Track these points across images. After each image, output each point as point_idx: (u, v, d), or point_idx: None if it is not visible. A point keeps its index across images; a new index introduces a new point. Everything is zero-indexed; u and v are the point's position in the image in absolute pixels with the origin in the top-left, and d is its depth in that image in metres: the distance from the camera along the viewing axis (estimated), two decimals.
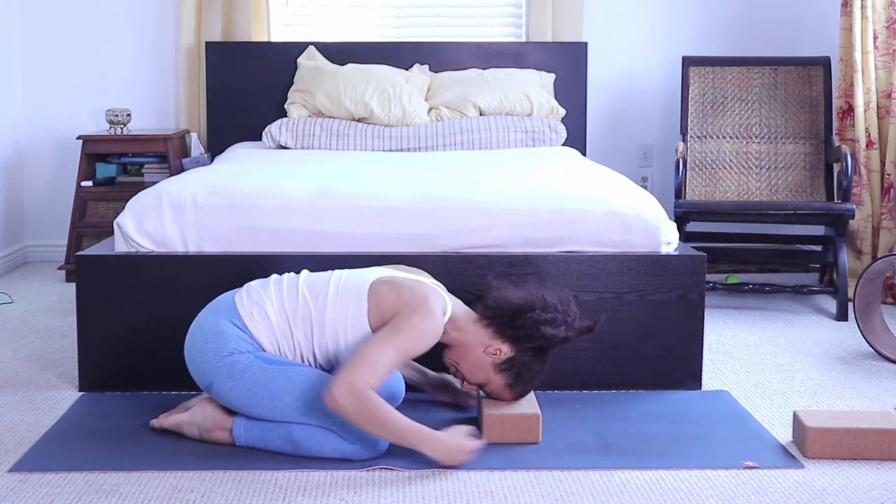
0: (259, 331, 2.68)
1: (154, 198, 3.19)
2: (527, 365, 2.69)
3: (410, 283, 2.69)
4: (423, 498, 2.40)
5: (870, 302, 3.70)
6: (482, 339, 2.69)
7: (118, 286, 3.10)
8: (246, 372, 2.62)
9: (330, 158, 4.19)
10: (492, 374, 2.70)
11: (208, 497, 2.39)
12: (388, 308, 2.65)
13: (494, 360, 2.69)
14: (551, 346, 2.69)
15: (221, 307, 2.73)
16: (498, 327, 2.68)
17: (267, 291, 2.74)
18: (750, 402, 3.11)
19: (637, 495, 2.42)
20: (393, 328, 2.58)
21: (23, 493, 2.40)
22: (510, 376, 2.69)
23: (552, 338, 2.65)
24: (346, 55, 4.98)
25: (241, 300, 2.73)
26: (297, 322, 2.69)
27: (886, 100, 4.48)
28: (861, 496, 2.43)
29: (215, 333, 2.68)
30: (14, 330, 3.87)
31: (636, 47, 5.26)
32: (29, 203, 5.25)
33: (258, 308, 2.70)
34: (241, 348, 2.65)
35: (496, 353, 2.68)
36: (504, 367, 2.68)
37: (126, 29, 5.17)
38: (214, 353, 2.65)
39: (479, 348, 2.69)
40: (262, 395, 2.60)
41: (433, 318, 2.60)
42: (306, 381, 2.60)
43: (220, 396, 2.66)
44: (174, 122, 5.24)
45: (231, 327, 2.67)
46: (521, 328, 2.66)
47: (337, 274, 2.77)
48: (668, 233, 3.23)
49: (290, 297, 2.72)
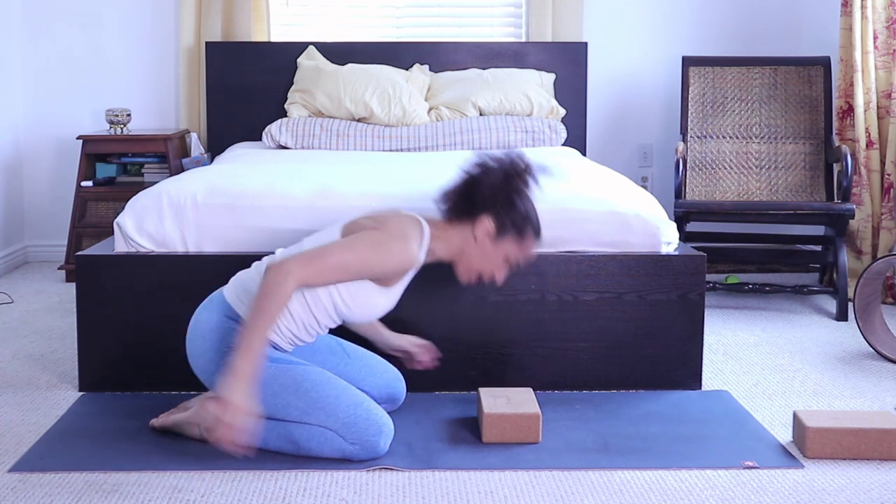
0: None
1: (154, 198, 3.19)
2: (515, 212, 2.68)
3: (384, 212, 2.70)
4: (423, 498, 2.40)
5: (870, 302, 3.70)
6: (465, 232, 2.70)
7: (118, 286, 3.10)
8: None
9: (330, 158, 4.19)
10: (500, 247, 2.69)
11: (208, 497, 2.39)
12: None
13: (490, 236, 2.68)
14: (516, 183, 2.68)
15: (214, 303, 2.72)
16: (465, 213, 2.69)
17: (249, 276, 2.72)
18: (750, 402, 3.11)
19: (637, 495, 2.42)
20: (359, 236, 2.58)
21: (23, 493, 2.40)
22: (512, 233, 2.68)
23: (509, 176, 2.66)
24: (346, 55, 4.98)
25: (229, 292, 2.71)
26: None
27: (886, 100, 4.48)
28: (861, 496, 2.43)
29: (212, 330, 2.67)
30: (14, 330, 3.88)
31: (636, 47, 5.26)
32: (29, 203, 5.25)
33: (245, 293, 2.68)
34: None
35: (485, 231, 2.67)
36: (501, 233, 2.68)
37: (126, 29, 5.17)
38: (214, 351, 2.65)
39: (470, 242, 2.70)
40: (264, 392, 2.59)
41: (404, 239, 2.59)
42: (308, 379, 2.60)
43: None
44: (174, 122, 5.24)
45: (227, 321, 2.66)
46: (481, 195, 2.66)
47: (308, 238, 2.74)
48: (668, 233, 3.23)
49: None
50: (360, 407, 2.57)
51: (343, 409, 2.56)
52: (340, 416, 2.55)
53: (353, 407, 2.57)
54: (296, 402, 2.58)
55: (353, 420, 2.55)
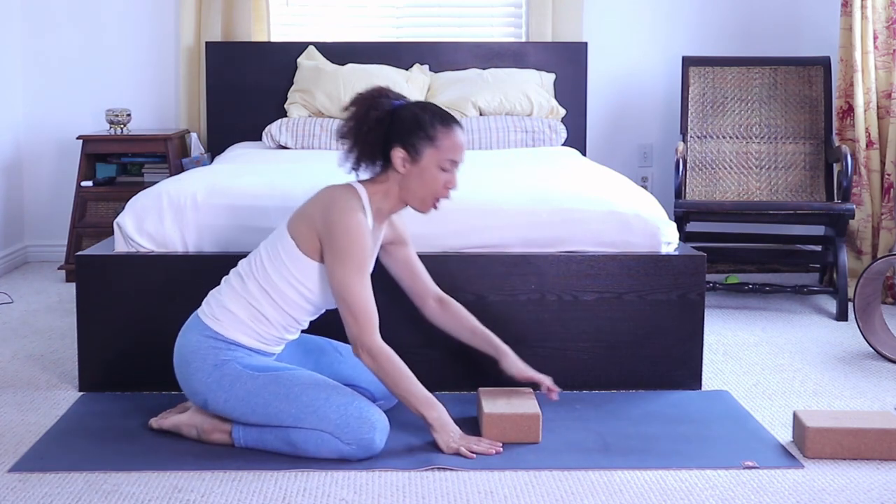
0: (230, 330, 2.67)
1: (154, 198, 3.19)
2: (405, 124, 2.62)
3: (314, 197, 2.68)
4: (423, 498, 2.40)
5: (870, 302, 3.70)
6: (391, 175, 2.66)
7: (118, 286, 3.09)
8: (236, 383, 2.62)
9: (330, 158, 4.16)
10: (427, 162, 2.63)
11: (208, 497, 2.39)
12: (311, 230, 2.63)
13: (409, 160, 2.63)
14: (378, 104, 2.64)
15: (190, 327, 2.73)
16: (375, 162, 2.67)
17: (220, 291, 2.73)
18: (750, 402, 3.11)
19: (637, 495, 2.42)
20: (335, 260, 2.57)
21: (23, 493, 2.40)
22: (423, 142, 2.61)
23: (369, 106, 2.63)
24: (346, 55, 4.98)
25: (202, 312, 2.72)
26: (257, 300, 2.67)
27: (886, 100, 4.48)
28: (861, 496, 2.43)
29: (193, 352, 2.67)
30: (14, 330, 3.87)
31: (636, 47, 5.26)
32: (29, 203, 5.25)
33: (219, 308, 2.69)
34: (225, 356, 2.65)
35: (402, 161, 2.63)
36: (414, 151, 2.62)
37: (126, 29, 5.17)
38: (200, 371, 2.65)
39: (398, 178, 2.66)
40: (256, 403, 2.60)
41: (352, 220, 2.58)
42: (297, 385, 2.60)
43: (217, 410, 2.67)
44: (174, 122, 5.23)
45: (205, 340, 2.67)
46: (367, 138, 2.63)
47: (263, 243, 2.75)
48: (668, 233, 3.23)
49: (238, 282, 2.70)
50: (350, 406, 2.57)
51: (334, 410, 2.56)
52: (332, 418, 2.55)
53: (343, 407, 2.57)
54: (287, 409, 2.58)
55: (345, 420, 2.55)
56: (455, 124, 2.66)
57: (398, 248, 2.89)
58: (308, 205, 2.69)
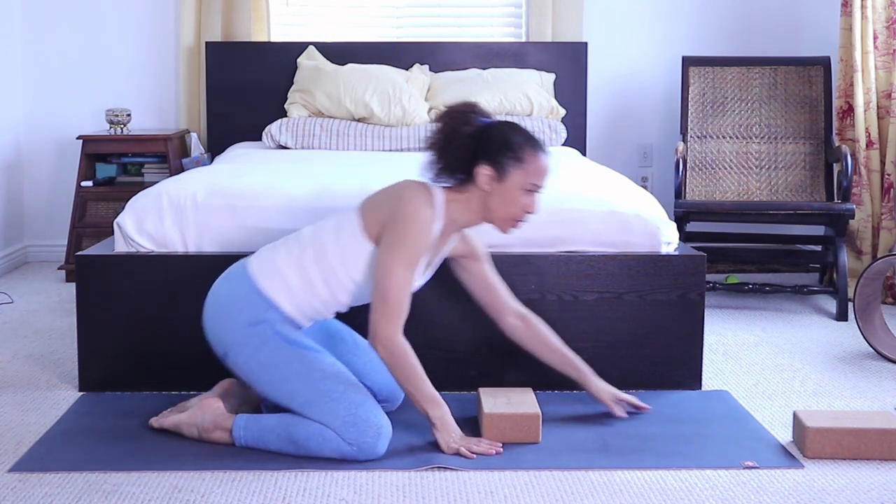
0: (275, 291, 2.65)
1: (154, 198, 3.19)
2: (496, 143, 2.62)
3: (393, 186, 2.69)
4: (423, 498, 2.40)
5: (870, 302, 3.70)
6: (474, 191, 2.66)
7: (118, 286, 3.10)
8: (264, 347, 2.61)
9: (330, 158, 4.19)
10: (512, 183, 2.63)
11: (208, 497, 2.39)
12: (378, 216, 2.64)
13: (495, 179, 2.63)
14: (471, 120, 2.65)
15: (233, 275, 2.71)
16: (459, 169, 2.66)
17: (276, 250, 2.72)
18: (750, 402, 3.11)
19: (637, 495, 2.42)
20: (389, 245, 2.58)
21: (23, 493, 2.40)
22: (511, 163, 2.62)
23: (461, 121, 2.64)
24: (346, 55, 4.98)
25: (251, 264, 2.71)
26: (310, 270, 2.66)
27: (886, 100, 4.49)
28: (861, 496, 2.43)
29: (230, 302, 2.66)
30: (14, 330, 3.87)
31: (636, 47, 5.26)
32: (29, 203, 5.25)
33: (270, 265, 2.68)
34: (260, 316, 2.63)
35: (487, 178, 2.63)
36: (501, 170, 2.62)
37: (126, 29, 5.17)
38: (232, 322, 2.64)
39: (480, 195, 2.65)
40: (274, 374, 2.59)
41: (419, 214, 2.59)
42: (318, 370, 2.59)
43: (235, 366, 2.65)
44: (174, 122, 5.24)
45: (247, 293, 2.65)
46: (458, 149, 2.63)
47: (333, 216, 2.75)
48: (668, 233, 3.23)
49: (298, 248, 2.69)
50: (361, 407, 2.57)
51: (345, 407, 2.56)
52: (341, 414, 2.55)
53: (355, 406, 2.57)
54: (303, 391, 2.58)
55: (352, 420, 2.55)
56: (543, 149, 2.67)
57: (472, 262, 2.88)
58: (383, 191, 2.70)
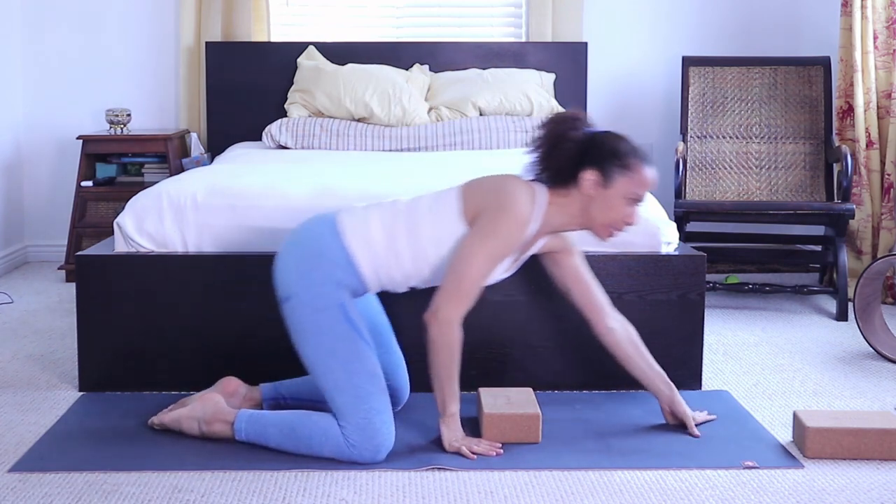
0: (359, 250, 2.63)
1: (154, 198, 3.19)
2: (607, 151, 2.62)
3: (499, 176, 2.67)
4: (423, 498, 2.40)
5: (870, 302, 3.70)
6: (576, 195, 2.65)
7: (118, 286, 3.09)
8: (326, 311, 2.58)
9: (330, 158, 4.19)
10: (616, 191, 2.62)
11: (208, 497, 2.39)
12: (478, 202, 2.63)
13: (600, 185, 2.62)
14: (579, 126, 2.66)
15: (323, 225, 2.68)
16: (563, 179, 2.65)
17: (369, 212, 2.70)
18: (750, 402, 3.11)
19: (637, 495, 2.42)
20: (479, 233, 2.57)
21: (23, 493, 2.40)
22: (618, 171, 2.61)
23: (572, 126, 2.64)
24: (346, 55, 4.98)
25: (344, 219, 2.68)
26: (399, 241, 2.65)
27: (886, 100, 4.49)
28: (861, 496, 2.43)
29: (314, 250, 2.63)
30: (14, 330, 3.87)
31: (636, 47, 5.26)
32: (29, 203, 5.25)
33: (361, 226, 2.66)
34: (336, 276, 2.60)
35: (593, 184, 2.62)
36: (608, 177, 2.61)
37: (126, 29, 5.17)
38: (307, 272, 2.61)
39: (582, 199, 2.64)
40: (322, 342, 2.58)
41: (519, 210, 2.58)
42: (359, 362, 2.57)
43: (290, 314, 2.63)
44: (174, 122, 5.24)
45: (332, 246, 2.63)
46: (565, 153, 2.63)
47: (431, 192, 2.75)
48: (668, 233, 3.23)
49: (391, 216, 2.68)
50: (378, 416, 2.56)
51: (365, 410, 2.55)
52: (359, 414, 2.55)
53: (373, 412, 2.56)
54: (338, 374, 2.56)
55: (365, 423, 2.55)
56: (648, 161, 2.67)
57: (564, 257, 2.85)
58: (489, 178, 2.68)
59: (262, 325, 3.09)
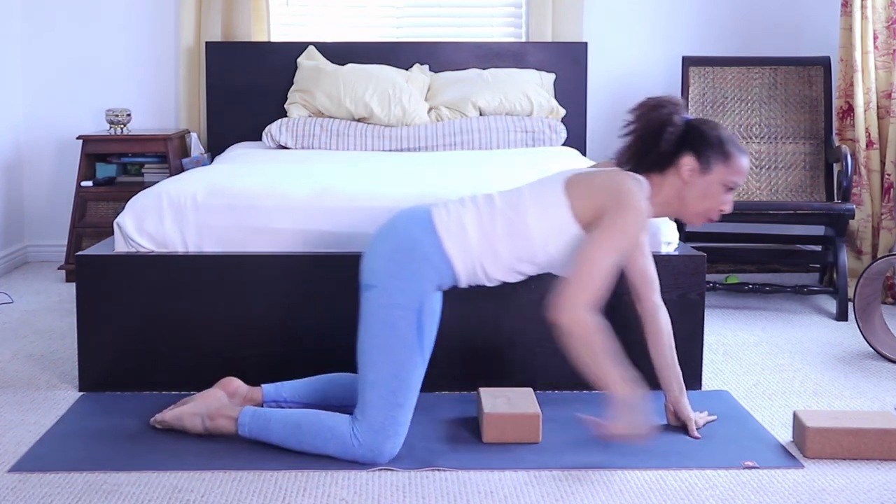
0: (454, 247, 2.61)
1: (154, 198, 3.19)
2: (707, 138, 2.62)
3: (606, 174, 2.64)
4: (423, 498, 2.40)
5: (870, 302, 3.70)
6: (671, 180, 2.64)
7: (118, 286, 3.10)
8: (400, 310, 2.56)
9: (330, 158, 4.19)
10: (713, 178, 2.62)
11: (208, 497, 2.39)
12: (593, 203, 2.59)
13: (698, 171, 2.62)
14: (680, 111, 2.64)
15: (419, 217, 2.66)
16: (662, 159, 2.64)
17: (464, 206, 2.67)
18: (750, 402, 3.11)
19: (637, 495, 2.42)
20: (606, 231, 2.53)
21: (23, 493, 2.40)
22: (717, 158, 2.61)
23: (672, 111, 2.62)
24: (346, 55, 4.98)
25: (439, 213, 2.65)
26: (498, 235, 2.62)
27: (886, 100, 4.49)
28: (861, 496, 2.43)
29: (408, 244, 2.60)
30: (14, 330, 3.88)
31: (636, 47, 5.26)
32: (29, 203, 5.25)
33: (457, 222, 2.63)
34: (425, 272, 2.59)
35: (691, 170, 2.62)
36: (706, 164, 2.62)
37: (126, 29, 5.17)
38: (398, 267, 2.58)
39: (677, 185, 2.64)
40: (381, 336, 2.55)
41: (642, 211, 2.55)
42: (407, 374, 2.55)
43: (367, 302, 2.60)
44: (174, 122, 5.24)
45: (425, 244, 2.60)
46: (664, 140, 2.61)
47: (526, 186, 2.71)
48: (667, 233, 3.23)
49: (488, 211, 2.65)
50: (396, 426, 2.56)
51: (392, 417, 2.55)
52: (381, 418, 2.54)
53: (393, 422, 2.55)
54: (382, 373, 2.55)
55: (381, 427, 2.55)
56: (745, 151, 2.67)
57: None
58: (595, 177, 2.63)
59: (263, 325, 3.10)
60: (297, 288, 3.10)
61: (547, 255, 2.65)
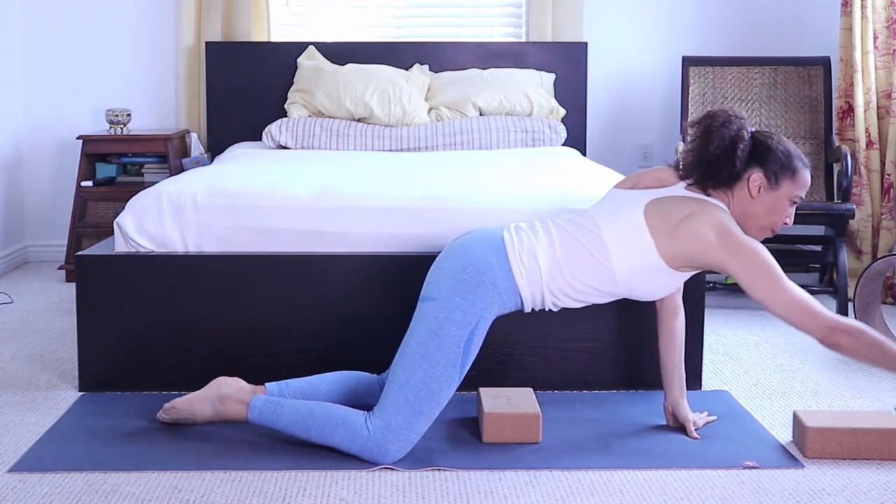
0: (524, 278, 2.62)
1: (154, 198, 3.19)
2: (774, 154, 2.62)
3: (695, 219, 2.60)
4: (423, 498, 2.40)
5: (870, 302, 3.70)
6: (738, 194, 2.64)
7: (118, 286, 3.10)
8: (453, 326, 2.57)
9: (330, 158, 4.19)
10: (780, 193, 2.62)
11: (208, 497, 2.39)
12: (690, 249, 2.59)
13: (765, 187, 2.62)
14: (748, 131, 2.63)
15: (490, 241, 2.66)
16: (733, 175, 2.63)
17: (536, 236, 2.67)
18: (750, 402, 3.11)
19: (637, 495, 2.42)
20: (758, 276, 2.53)
21: (23, 493, 2.40)
22: (785, 174, 2.61)
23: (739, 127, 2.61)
24: (346, 55, 4.98)
25: (510, 240, 2.66)
26: (572, 272, 2.63)
27: (886, 100, 4.48)
28: (861, 496, 2.43)
29: (476, 269, 2.61)
30: (14, 330, 3.88)
31: (636, 47, 5.26)
32: (29, 203, 5.25)
33: (528, 251, 2.64)
34: (488, 297, 2.60)
35: (759, 185, 2.62)
36: (774, 180, 2.62)
37: (126, 29, 5.17)
38: (461, 283, 2.59)
39: (746, 201, 2.64)
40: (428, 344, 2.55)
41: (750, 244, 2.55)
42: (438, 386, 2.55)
43: (423, 310, 2.61)
44: (174, 122, 5.24)
45: (494, 269, 2.61)
46: (735, 156, 2.61)
47: (601, 216, 2.69)
48: None
49: (560, 235, 2.66)
50: (411, 432, 2.56)
51: (407, 422, 2.54)
52: (399, 420, 2.54)
53: (410, 427, 2.55)
54: (415, 380, 2.55)
55: (396, 428, 2.54)
56: (807, 164, 2.68)
57: None
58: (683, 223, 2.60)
59: (263, 325, 3.10)
60: (297, 288, 3.10)
61: (628, 291, 2.68)
